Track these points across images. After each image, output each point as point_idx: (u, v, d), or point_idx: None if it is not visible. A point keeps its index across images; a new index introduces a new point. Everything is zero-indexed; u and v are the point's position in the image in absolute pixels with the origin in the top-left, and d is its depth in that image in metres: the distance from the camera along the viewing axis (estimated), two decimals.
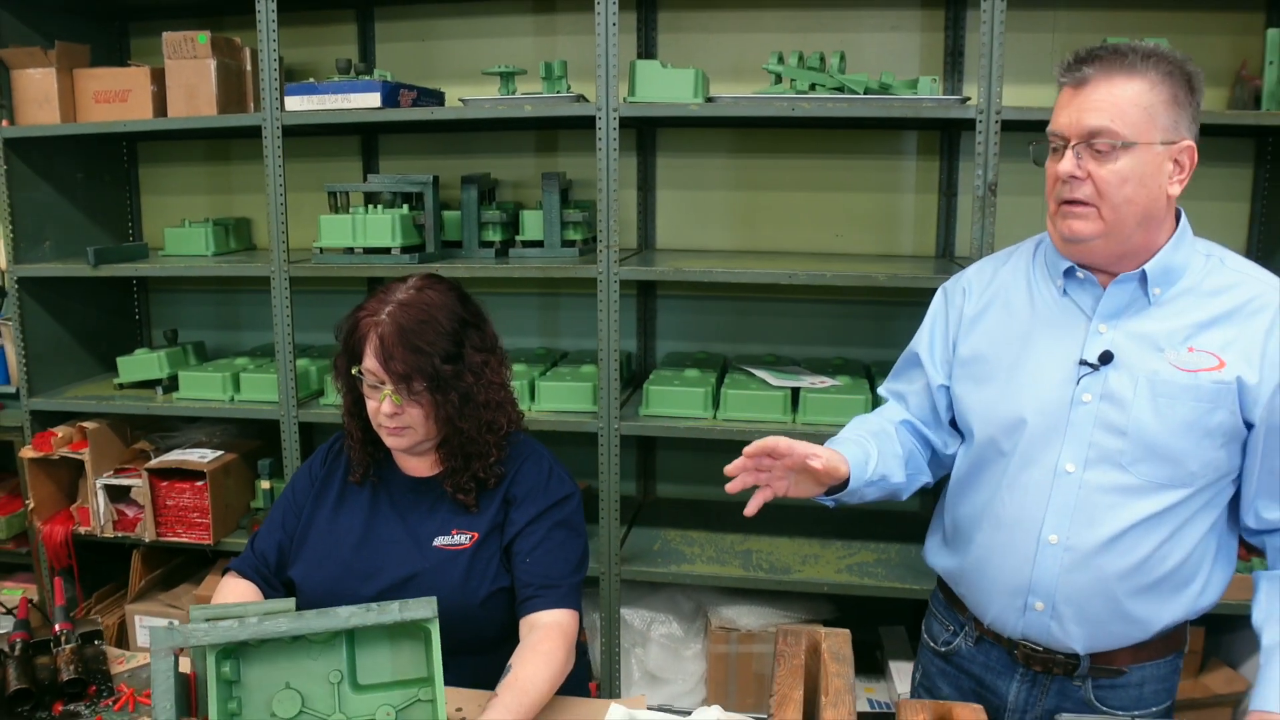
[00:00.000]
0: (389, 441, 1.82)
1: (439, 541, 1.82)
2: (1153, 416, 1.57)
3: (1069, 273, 1.66)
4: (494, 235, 3.19)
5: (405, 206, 3.11)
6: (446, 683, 1.74)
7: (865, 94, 2.80)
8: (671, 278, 2.92)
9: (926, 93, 2.82)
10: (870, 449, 1.74)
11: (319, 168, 3.62)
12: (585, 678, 2.08)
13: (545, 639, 1.71)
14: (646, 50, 3.33)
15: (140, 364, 3.42)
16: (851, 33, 3.25)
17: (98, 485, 3.31)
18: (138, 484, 3.28)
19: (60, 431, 3.33)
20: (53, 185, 3.49)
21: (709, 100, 2.84)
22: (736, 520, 3.19)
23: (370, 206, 3.09)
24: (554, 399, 3.03)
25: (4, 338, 3.70)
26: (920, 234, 3.33)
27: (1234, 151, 3.15)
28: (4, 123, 3.27)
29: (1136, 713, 1.70)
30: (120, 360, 3.44)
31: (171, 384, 3.38)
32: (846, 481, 1.67)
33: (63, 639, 1.83)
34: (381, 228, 3.01)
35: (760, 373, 3.07)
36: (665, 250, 3.44)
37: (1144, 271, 1.60)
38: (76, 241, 3.53)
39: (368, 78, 2.97)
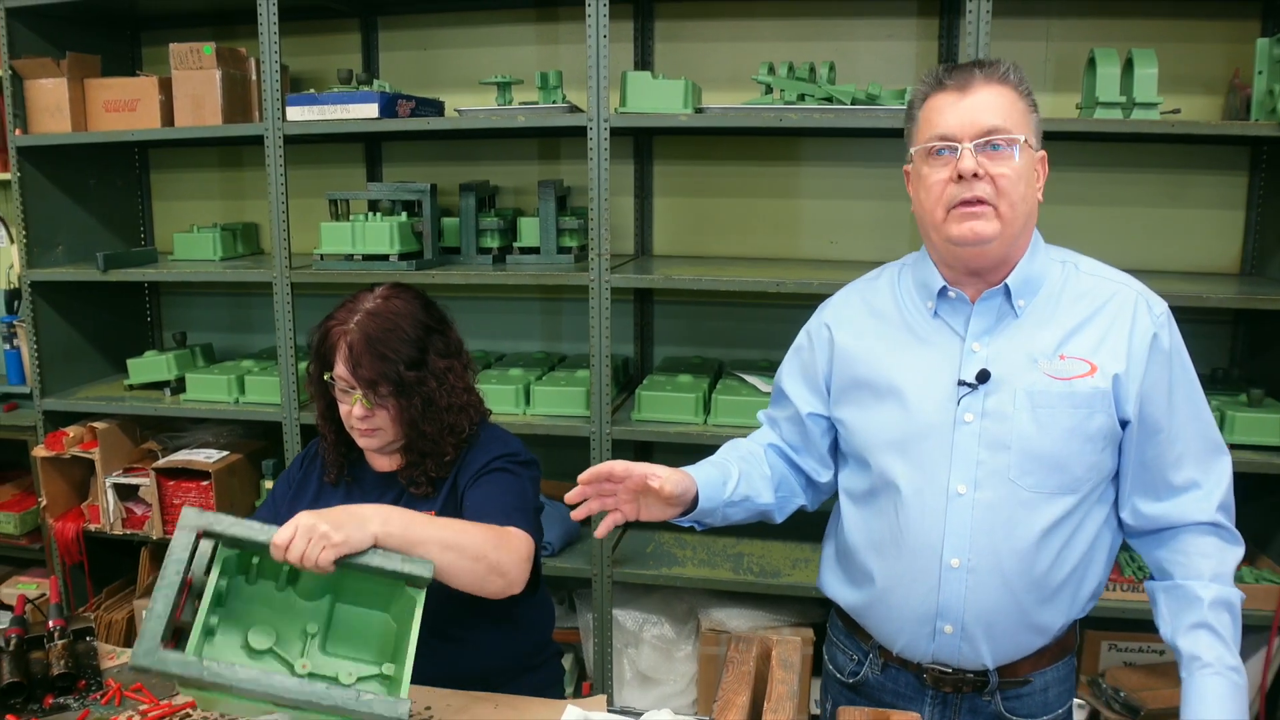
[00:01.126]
0: (361, 442, 1.90)
1: None
2: (1035, 429, 1.58)
3: (942, 293, 1.65)
4: (492, 242, 3.24)
5: (405, 214, 3.18)
6: (425, 677, 1.81)
7: (852, 104, 2.84)
8: (661, 285, 2.97)
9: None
10: (732, 470, 1.75)
11: (324, 174, 3.70)
12: (561, 676, 2.12)
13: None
14: (643, 60, 3.37)
15: (149, 366, 3.51)
16: (847, 41, 3.28)
17: (107, 484, 3.40)
18: (146, 483, 3.37)
19: (71, 431, 3.42)
20: (65, 191, 3.58)
21: (699, 110, 2.89)
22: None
23: (371, 214, 3.16)
24: (548, 403, 3.08)
25: (19, 339, 3.80)
26: (915, 241, 3.36)
27: (1228, 160, 3.16)
28: (17, 131, 3.36)
29: (1045, 716, 1.71)
30: (130, 362, 3.53)
31: (179, 385, 3.46)
32: (697, 502, 1.68)
33: (55, 635, 1.90)
34: (380, 235, 3.07)
35: (752, 379, 3.11)
36: (662, 256, 3.49)
37: (1006, 285, 1.61)
38: (89, 246, 3.62)
39: (367, 88, 3.04)
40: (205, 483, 3.31)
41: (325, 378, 1.87)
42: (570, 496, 1.65)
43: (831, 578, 1.84)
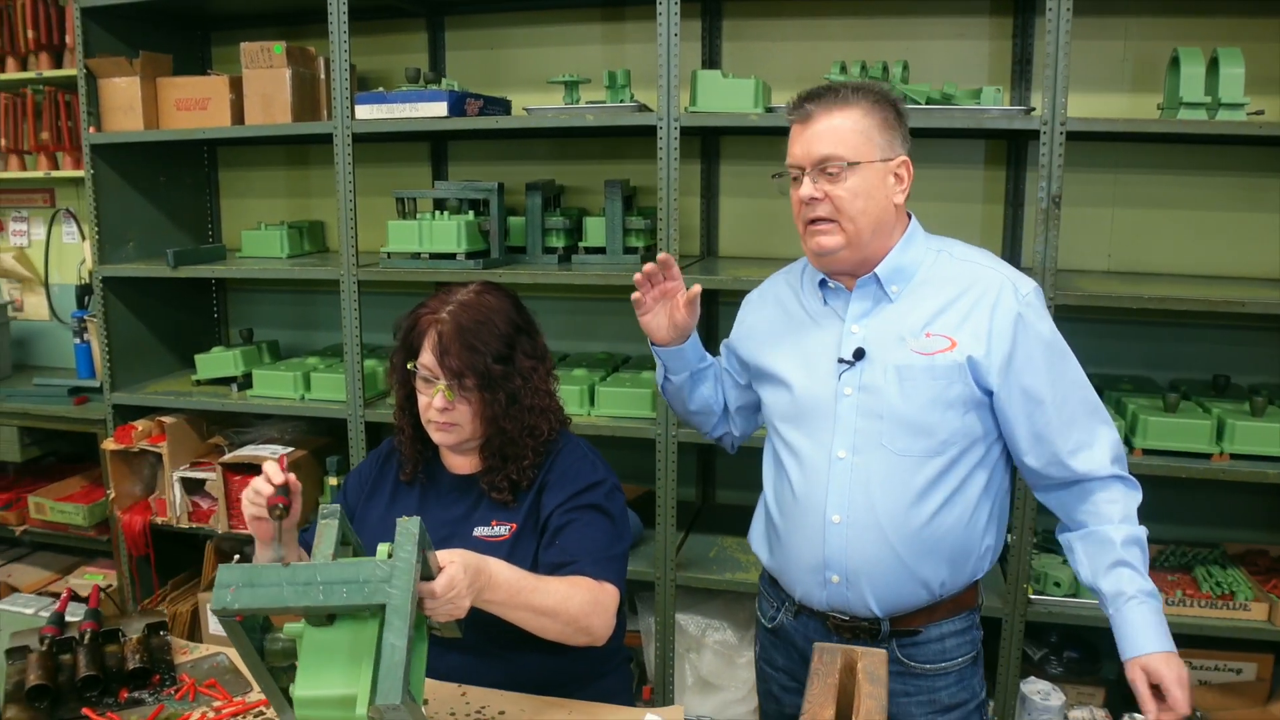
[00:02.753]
0: (437, 437, 1.88)
1: (479, 532, 1.87)
2: (900, 398, 1.78)
3: (823, 284, 1.89)
4: (557, 241, 3.23)
5: (471, 213, 3.17)
6: (485, 683, 1.80)
7: (927, 104, 2.79)
8: (730, 286, 2.93)
9: (990, 102, 2.79)
10: (710, 359, 2.11)
11: (391, 173, 3.71)
12: (630, 682, 2.10)
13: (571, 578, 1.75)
14: (711, 59, 3.35)
15: (217, 361, 3.54)
16: (917, 41, 3.23)
17: (174, 478, 3.44)
18: (212, 477, 3.40)
19: (140, 425, 3.46)
20: (136, 189, 3.63)
21: (769, 110, 2.85)
22: None
23: (437, 212, 3.16)
24: (613, 404, 3.07)
25: (89, 333, 3.85)
26: (987, 244, 3.28)
27: None
28: (91, 129, 3.40)
29: (944, 664, 1.90)
30: (198, 358, 3.57)
31: (246, 381, 3.49)
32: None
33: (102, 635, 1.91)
34: (447, 234, 3.07)
35: None
36: (728, 258, 3.45)
37: (876, 275, 1.83)
38: (158, 243, 3.67)
39: (435, 87, 3.04)
40: None
41: (409, 366, 1.85)
42: (639, 279, 1.95)
43: (756, 537, 2.07)
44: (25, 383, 3.94)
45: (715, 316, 3.49)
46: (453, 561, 1.49)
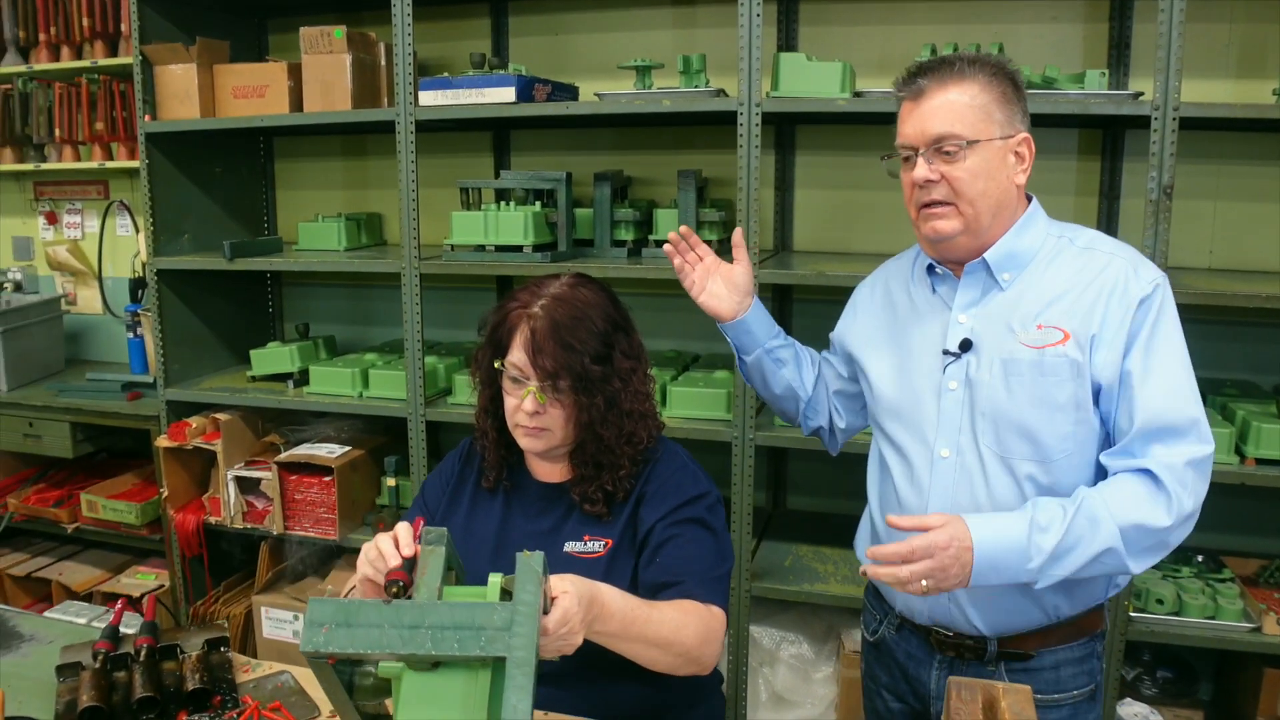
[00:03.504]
0: (524, 443, 1.72)
1: (570, 548, 1.72)
2: (1005, 395, 1.65)
3: (930, 269, 1.78)
4: (626, 234, 3.09)
5: (537, 204, 3.04)
6: (577, 712, 1.65)
7: (1028, 89, 2.61)
8: (812, 281, 2.78)
9: (1095, 87, 2.62)
10: (784, 337, 2.03)
11: (450, 164, 3.59)
12: (723, 711, 1.95)
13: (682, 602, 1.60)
14: (787, 43, 3.19)
15: (273, 357, 3.44)
16: (1007, 23, 3.05)
17: (229, 477, 3.34)
18: (267, 477, 3.30)
19: (194, 422, 3.36)
20: (191, 179, 3.54)
21: (857, 95, 2.69)
22: None
23: (501, 203, 3.03)
24: (686, 405, 2.92)
25: (143, 328, 3.77)
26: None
27: None
28: (147, 117, 3.31)
29: (1057, 695, 1.74)
30: (254, 353, 3.47)
31: (302, 378, 3.39)
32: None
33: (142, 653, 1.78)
34: (514, 225, 2.95)
35: None
36: (802, 253, 3.30)
37: (985, 260, 1.70)
38: (213, 235, 3.57)
39: (502, 72, 2.91)
40: (327, 478, 3.22)
41: (496, 365, 1.70)
42: (668, 249, 1.97)
43: (861, 544, 1.94)
44: (78, 378, 3.87)
45: (790, 313, 3.34)
46: (566, 592, 1.33)
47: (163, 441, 3.38)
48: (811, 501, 3.43)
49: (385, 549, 1.41)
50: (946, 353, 1.71)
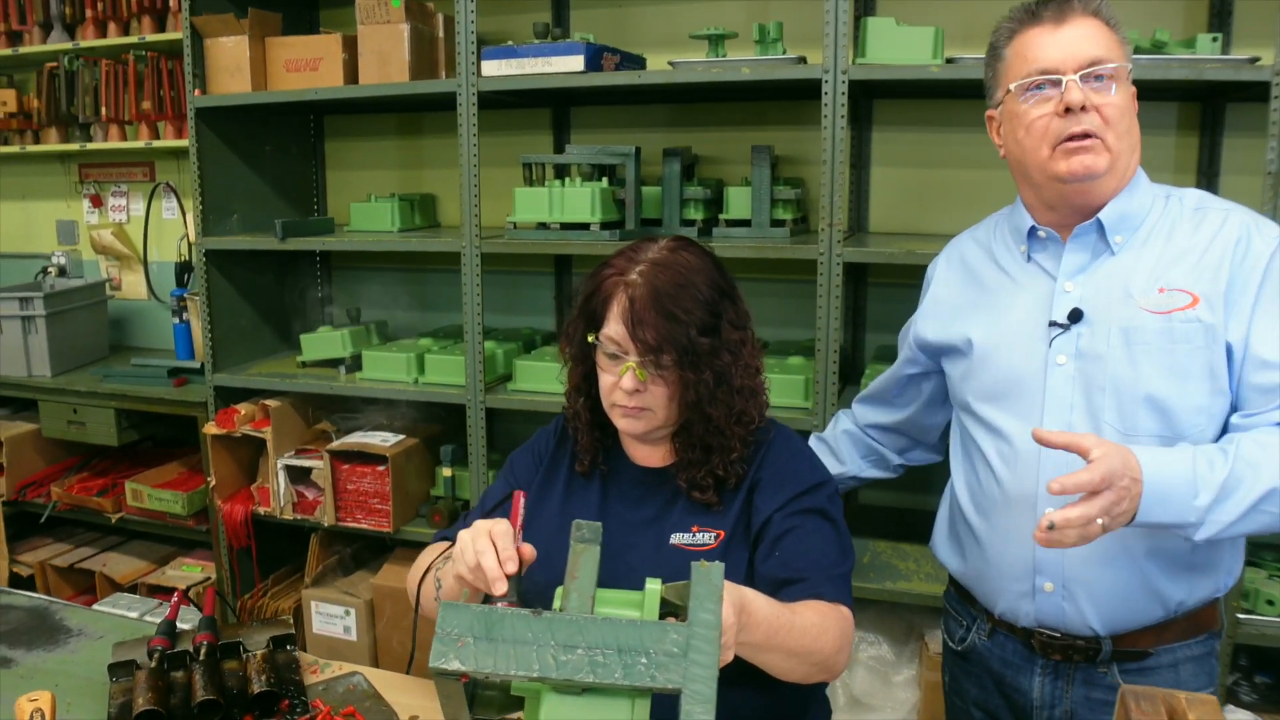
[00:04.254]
0: (622, 424, 1.56)
1: (678, 539, 1.56)
2: (1129, 367, 1.51)
3: (1031, 233, 1.63)
4: (696, 213, 2.94)
5: (604, 180, 2.89)
6: None
7: (1135, 53, 2.44)
8: (901, 260, 2.61)
9: (1206, 52, 2.43)
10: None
11: (508, 142, 3.44)
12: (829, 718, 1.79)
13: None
14: (865, 10, 3.02)
15: (324, 342, 3.31)
16: None
17: (279, 465, 3.22)
18: (319, 466, 3.17)
19: (243, 409, 3.24)
20: (241, 158, 3.42)
21: (949, 62, 2.52)
22: None
23: (564, 180, 2.88)
24: None
25: (189, 313, 3.66)
26: None
27: None
28: (196, 92, 3.19)
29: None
30: (304, 338, 3.34)
31: (354, 364, 3.25)
32: None
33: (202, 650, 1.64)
34: (581, 201, 2.79)
35: None
36: (878, 234, 3.13)
37: (1099, 220, 1.55)
38: (263, 216, 3.45)
39: (569, 39, 2.76)
40: (381, 468, 3.09)
41: (590, 339, 1.55)
42: None
43: (941, 543, 1.81)
44: (123, 363, 3.76)
45: (865, 297, 3.17)
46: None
47: (210, 428, 3.26)
48: (885, 496, 3.26)
49: (487, 565, 1.24)
50: (1054, 324, 1.56)
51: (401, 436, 3.17)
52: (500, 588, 1.21)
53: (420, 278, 3.68)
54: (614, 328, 1.50)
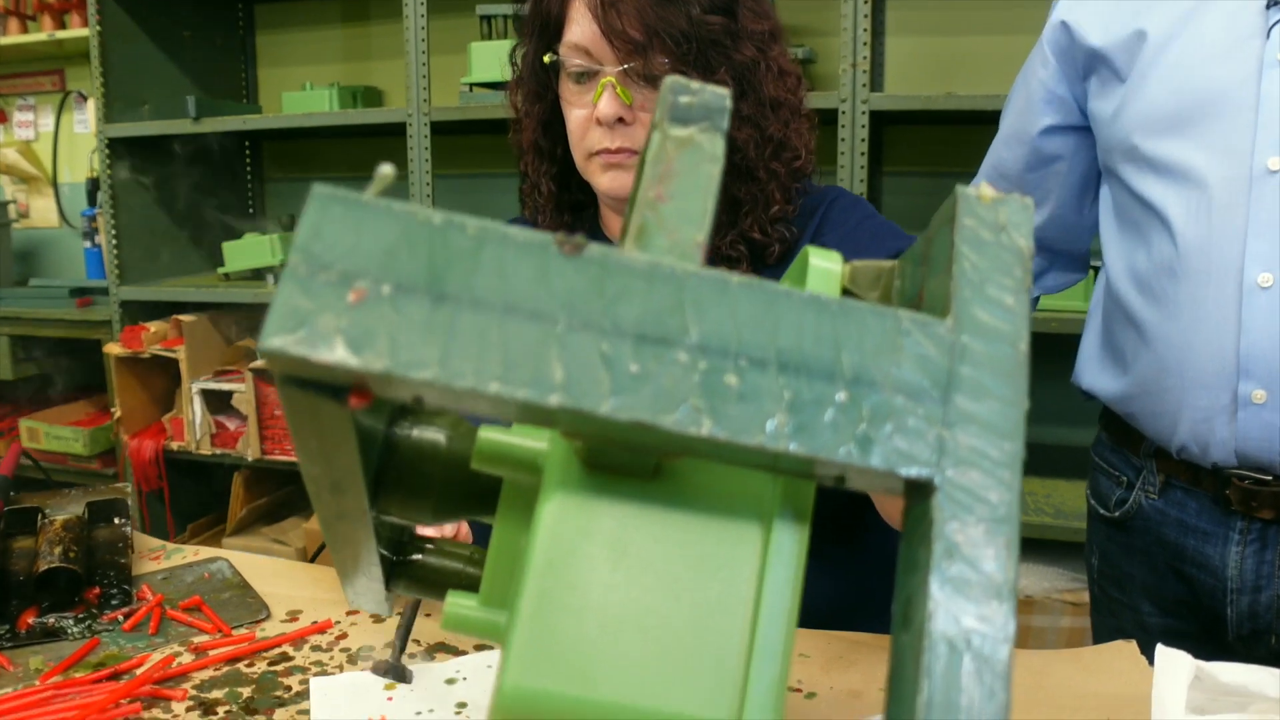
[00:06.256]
0: (604, 181, 1.07)
1: None
2: None
3: None
4: None
5: None
6: (839, 596, 1.05)
7: None
8: (939, 105, 2.17)
9: None
10: None
11: (462, 25, 2.99)
12: None
13: None
14: None
15: (250, 249, 2.83)
16: None
17: (194, 390, 2.73)
18: (240, 389, 2.69)
19: (153, 326, 2.76)
20: (155, 42, 2.93)
21: None
22: None
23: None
24: None
25: (100, 236, 3.17)
26: None
27: None
28: None
29: None
30: (226, 245, 2.86)
31: None
32: None
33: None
34: None
35: None
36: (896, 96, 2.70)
37: None
38: (181, 110, 2.97)
39: None
40: None
41: (547, 59, 1.07)
42: None
43: (1089, 363, 1.31)
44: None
45: (880, 189, 2.73)
46: None
47: (114, 348, 2.77)
48: None
49: None
50: (1274, 4, 1.07)
51: None
52: None
53: (365, 183, 3.20)
54: (579, 29, 1.03)
